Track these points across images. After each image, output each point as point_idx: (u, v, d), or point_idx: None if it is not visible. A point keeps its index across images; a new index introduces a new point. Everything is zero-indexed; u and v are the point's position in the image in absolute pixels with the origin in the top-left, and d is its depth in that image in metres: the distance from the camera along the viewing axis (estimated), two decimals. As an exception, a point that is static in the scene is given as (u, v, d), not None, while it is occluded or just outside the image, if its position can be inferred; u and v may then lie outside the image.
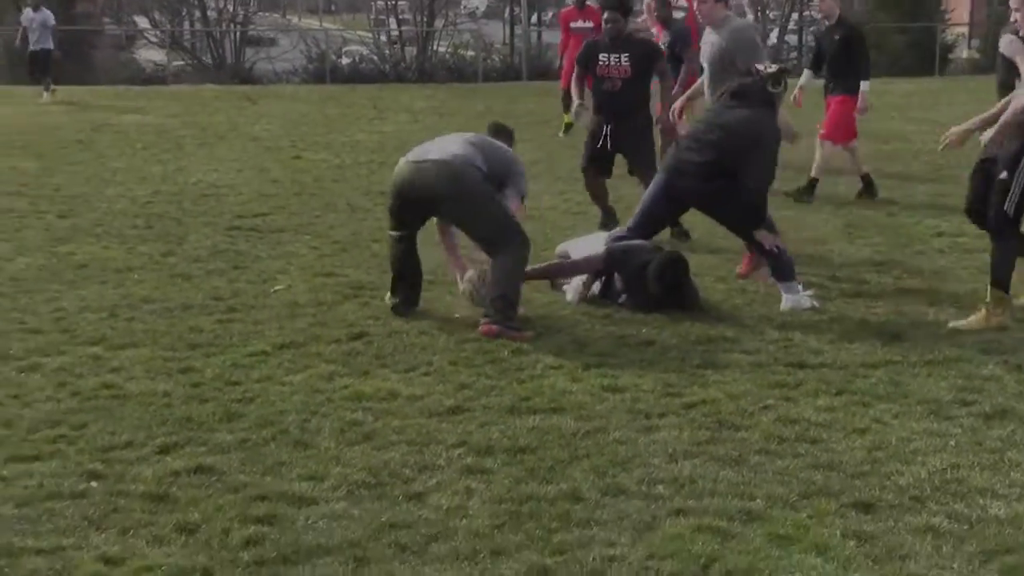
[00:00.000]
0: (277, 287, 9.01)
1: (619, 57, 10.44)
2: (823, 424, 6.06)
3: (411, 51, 37.10)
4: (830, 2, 12.69)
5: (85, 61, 36.64)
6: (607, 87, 10.49)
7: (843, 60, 12.41)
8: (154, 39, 41.12)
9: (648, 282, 8.24)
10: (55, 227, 11.24)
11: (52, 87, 23.76)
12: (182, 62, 38.45)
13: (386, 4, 42.65)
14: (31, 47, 24.05)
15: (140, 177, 14.17)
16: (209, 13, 41.18)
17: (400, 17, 40.47)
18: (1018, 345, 7.35)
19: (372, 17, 48.36)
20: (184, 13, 42.74)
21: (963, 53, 39.92)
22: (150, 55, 40.13)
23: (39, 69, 24.16)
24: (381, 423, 6.18)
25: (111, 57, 38.88)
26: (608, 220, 10.60)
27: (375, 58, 36.21)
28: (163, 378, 6.89)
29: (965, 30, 43.26)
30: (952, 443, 5.78)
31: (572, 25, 18.51)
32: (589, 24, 17.83)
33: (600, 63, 10.51)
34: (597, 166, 10.74)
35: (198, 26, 41.78)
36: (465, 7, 58.63)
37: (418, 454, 5.76)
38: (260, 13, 48.94)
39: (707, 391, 6.59)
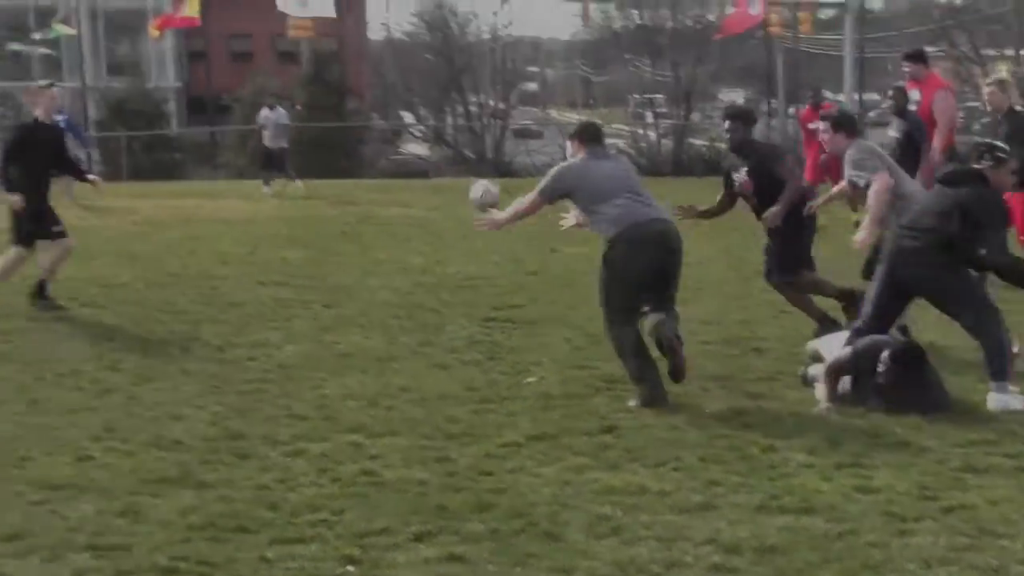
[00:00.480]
0: (530, 379, 9.18)
1: (741, 171, 10.33)
2: (1094, 535, 5.82)
3: (667, 144, 37.37)
4: (999, 94, 12.25)
5: (354, 155, 38.22)
6: (751, 206, 10.38)
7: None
8: (418, 134, 42.55)
9: (879, 376, 8.10)
10: (321, 316, 11.71)
11: (291, 181, 24.72)
12: (444, 155, 39.61)
13: (644, 98, 43.17)
14: (267, 144, 25.13)
15: (401, 268, 14.65)
16: (471, 108, 42.43)
17: (657, 111, 40.87)
18: None
19: (630, 110, 48.95)
20: (447, 108, 44.18)
21: None
22: (414, 149, 41.53)
23: (275, 166, 25.19)
24: (630, 518, 6.22)
25: (378, 151, 40.35)
26: (823, 327, 10.22)
27: (632, 151, 36.59)
28: (419, 466, 7.09)
29: None
30: None
31: (810, 126, 18.43)
32: None
33: (735, 183, 10.47)
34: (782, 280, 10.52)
35: (460, 121, 43.05)
36: (722, 100, 58.79)
37: (666, 550, 5.78)
38: (520, 107, 50.11)
39: (966, 495, 6.41)
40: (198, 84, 57.39)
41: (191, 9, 39.65)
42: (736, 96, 73.00)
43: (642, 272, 8.47)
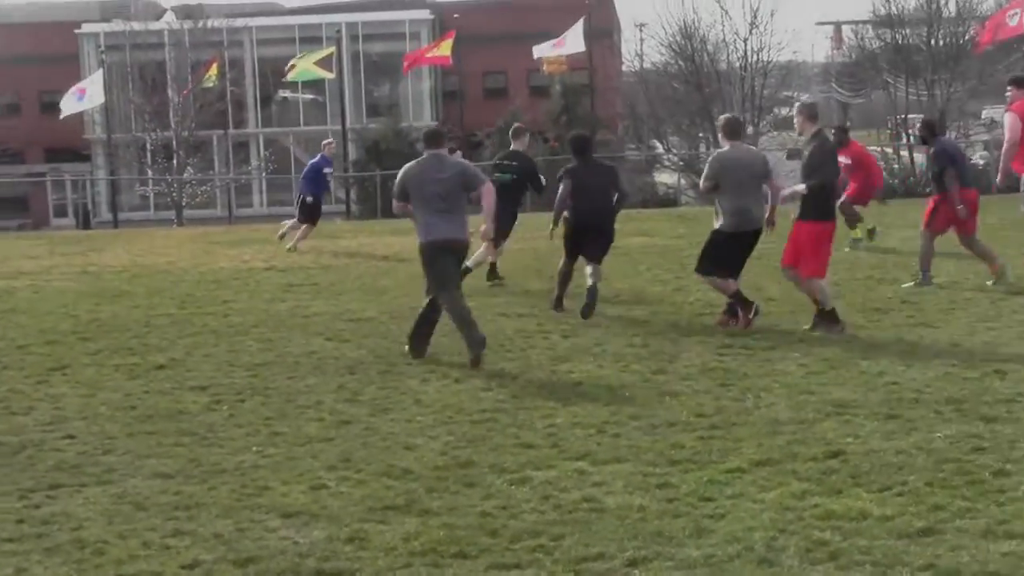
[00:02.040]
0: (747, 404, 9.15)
1: None
2: None
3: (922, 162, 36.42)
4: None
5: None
6: None
7: None
8: (668, 163, 42.60)
9: None
10: (558, 346, 11.90)
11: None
12: (695, 184, 39.54)
13: (900, 119, 42.20)
14: None
15: (639, 297, 14.73)
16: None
17: (911, 131, 39.91)
18: None
19: (887, 131, 47.95)
20: (699, 136, 44.12)
21: None
22: (664, 178, 41.59)
23: None
24: (848, 543, 6.16)
25: (629, 181, 40.55)
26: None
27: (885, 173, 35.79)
28: (640, 493, 7.16)
29: None
30: None
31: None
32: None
33: None
34: None
35: (713, 148, 42.93)
36: (983, 118, 56.89)
37: (882, 576, 5.71)
38: (771, 134, 49.63)
39: None
40: (453, 122, 58.84)
41: (443, 49, 40.79)
42: (998, 112, 70.65)
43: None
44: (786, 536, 6.31)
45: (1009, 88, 15.91)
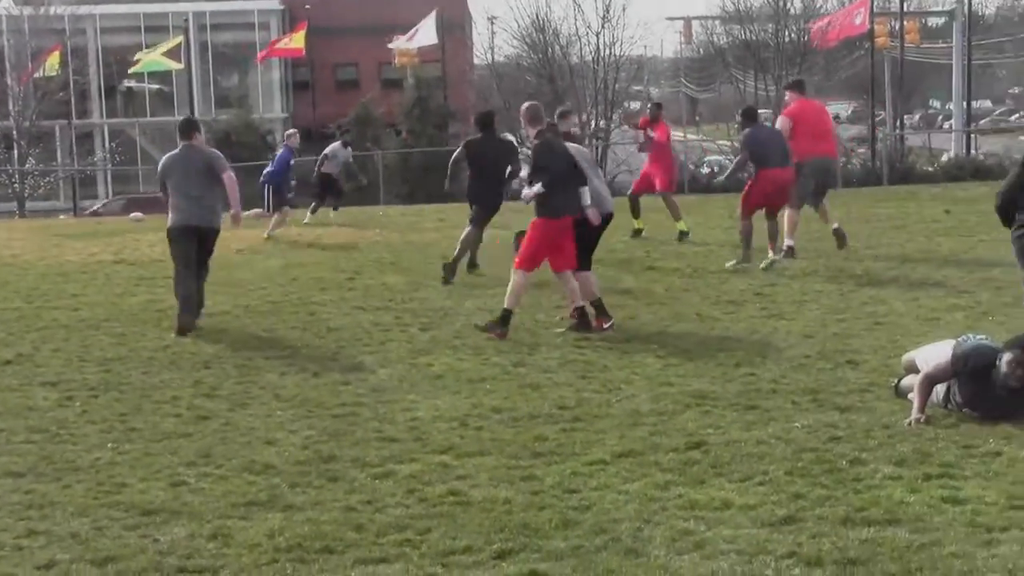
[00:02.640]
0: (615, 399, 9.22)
1: None
2: None
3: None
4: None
5: (459, 180, 38.44)
6: None
7: None
8: (522, 156, 42.70)
9: (994, 382, 7.98)
10: (417, 339, 11.84)
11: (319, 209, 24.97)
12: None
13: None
14: (332, 173, 25.17)
15: (500, 289, 14.69)
16: (574, 129, 42.50)
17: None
18: None
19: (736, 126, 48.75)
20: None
21: None
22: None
23: (334, 193, 25.33)
24: (712, 532, 6.23)
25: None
26: None
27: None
28: (505, 485, 7.15)
29: None
30: None
31: None
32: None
33: None
34: None
35: (563, 142, 43.19)
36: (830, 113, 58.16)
37: (747, 564, 5.78)
38: (622, 128, 50.15)
39: (1056, 505, 6.32)
40: (304, 113, 58.28)
41: (296, 41, 40.41)
42: (843, 108, 72.49)
43: None
44: (651, 526, 6.36)
45: (787, 92, 17.72)
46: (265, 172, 23.44)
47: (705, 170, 36.17)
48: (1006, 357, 7.98)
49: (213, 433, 8.53)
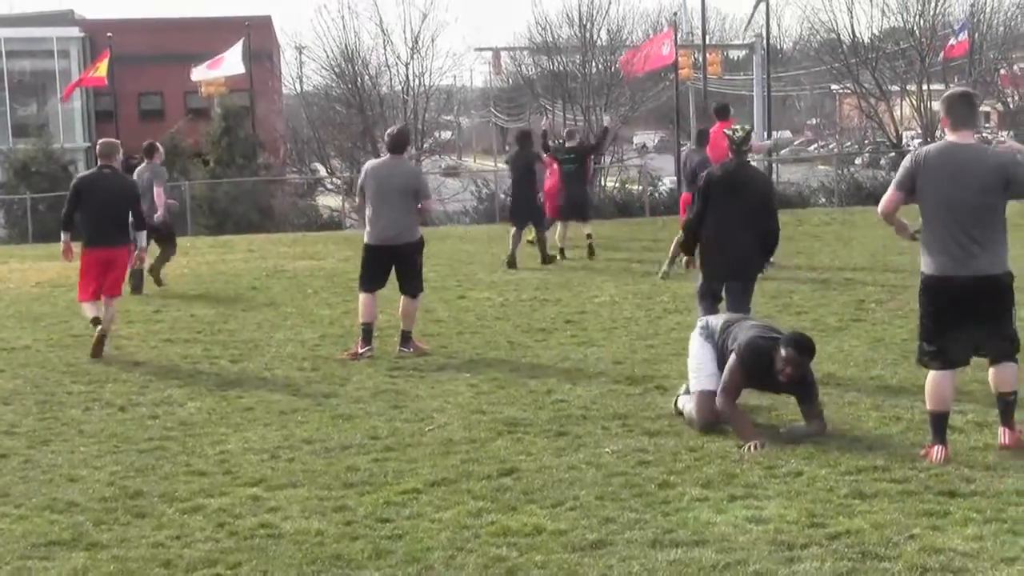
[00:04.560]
0: (429, 427, 9.22)
1: None
2: (970, 554, 5.96)
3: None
4: None
5: (266, 209, 38.09)
6: None
7: None
8: (331, 186, 42.46)
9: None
10: (226, 372, 11.67)
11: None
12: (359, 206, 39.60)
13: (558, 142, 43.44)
14: None
15: (309, 321, 14.62)
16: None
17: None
18: None
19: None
20: (361, 160, 44.09)
21: None
22: (327, 201, 41.44)
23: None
24: (525, 558, 6.27)
25: (290, 205, 40.22)
26: None
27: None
28: (317, 517, 7.09)
29: None
30: (1104, 571, 5.63)
31: None
32: None
33: None
34: None
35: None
36: (635, 144, 59.37)
37: (559, 589, 5.83)
38: (434, 157, 50.25)
39: (852, 521, 6.54)
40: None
41: (100, 71, 39.52)
42: (649, 138, 73.98)
43: None
44: (464, 554, 6.37)
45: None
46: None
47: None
48: (781, 352, 8.42)
49: (12, 471, 8.26)
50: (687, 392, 9.14)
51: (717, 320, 9.26)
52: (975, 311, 7.67)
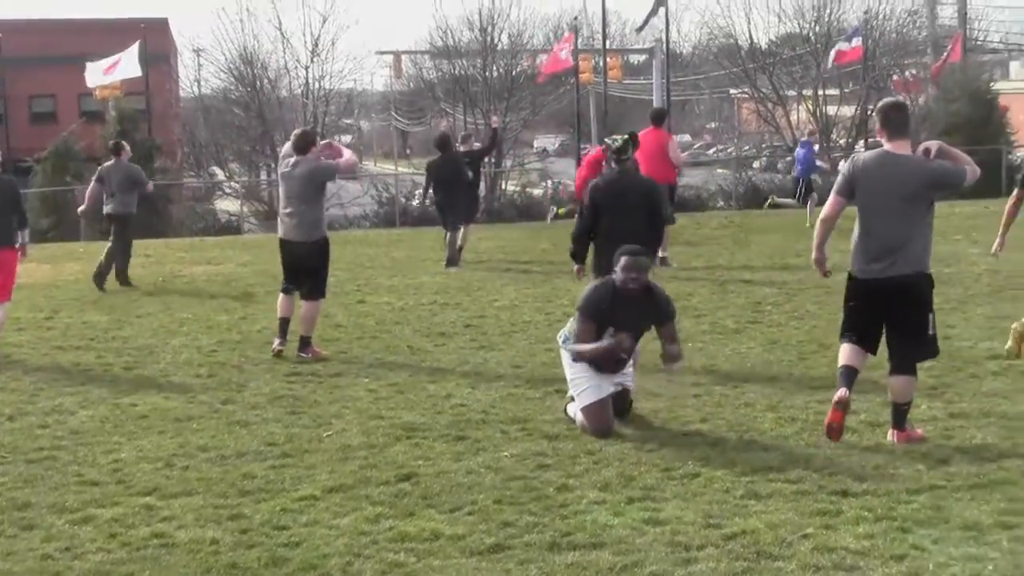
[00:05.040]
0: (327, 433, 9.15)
1: None
2: (861, 552, 6.04)
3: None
4: None
5: (163, 214, 37.59)
6: None
7: None
8: (229, 190, 42.06)
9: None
10: (120, 379, 11.48)
11: None
12: (258, 211, 39.28)
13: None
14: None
15: (206, 326, 14.44)
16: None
17: (470, 158, 41.20)
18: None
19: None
20: (260, 164, 43.81)
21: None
22: (226, 206, 41.03)
23: None
24: (423, 563, 6.24)
25: (188, 209, 39.75)
26: None
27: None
28: (212, 525, 6.99)
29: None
30: (990, 567, 5.74)
31: None
32: None
33: None
34: None
35: (274, 176, 42.76)
36: (535, 147, 59.54)
37: (456, 594, 5.80)
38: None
39: (748, 521, 6.59)
40: (-2, 148, 55.82)
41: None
42: (551, 142, 74.25)
43: None
44: (362, 560, 6.33)
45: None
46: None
47: (416, 203, 36.27)
48: (619, 264, 8.80)
49: None
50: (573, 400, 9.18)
51: (571, 324, 9.38)
52: (892, 312, 8.12)
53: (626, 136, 11.39)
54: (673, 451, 8.14)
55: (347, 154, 13.15)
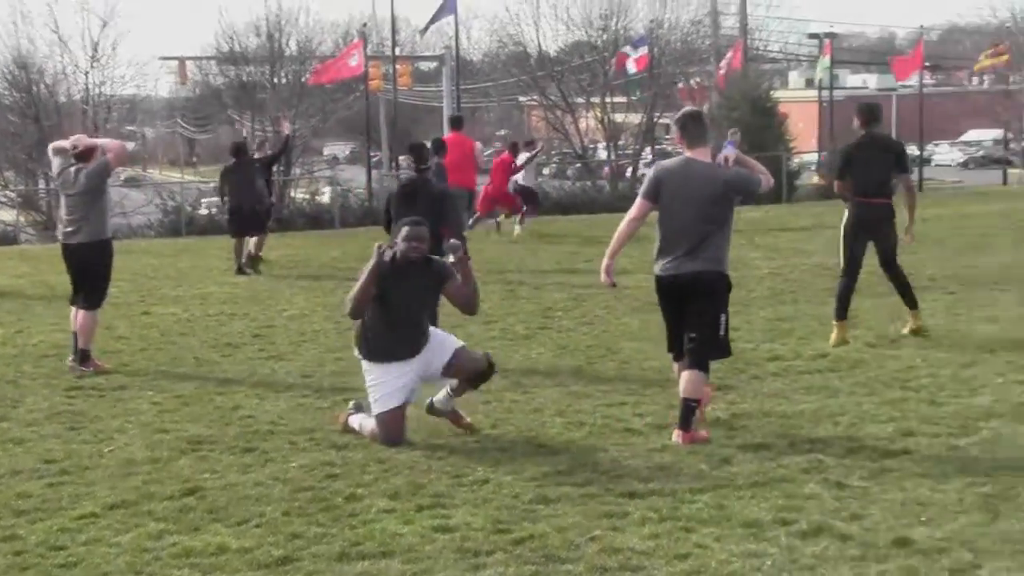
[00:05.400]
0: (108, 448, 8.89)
1: None
2: (646, 552, 6.14)
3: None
4: None
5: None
6: None
7: None
8: (4, 199, 40.57)
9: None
10: None
11: None
12: (35, 221, 38.02)
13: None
14: None
15: (-20, 341, 13.91)
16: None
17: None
18: (838, 463, 7.56)
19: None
20: (38, 172, 42.33)
21: (813, 179, 41.13)
22: (1, 216, 39.58)
23: None
24: (207, 579, 6.11)
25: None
26: None
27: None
28: (-17, 548, 6.72)
29: (812, 157, 45.16)
30: (768, 563, 5.90)
31: None
32: None
33: None
34: None
35: (53, 185, 41.43)
36: (326, 155, 59.13)
37: (244, 609, 5.69)
38: (118, 170, 48.72)
39: (536, 526, 6.64)
40: None
41: None
42: (340, 149, 73.80)
43: None
44: (143, 579, 6.16)
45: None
46: None
47: (203, 212, 35.58)
48: (401, 235, 8.88)
49: None
50: (357, 410, 9.12)
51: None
52: (687, 308, 8.52)
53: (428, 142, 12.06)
54: (463, 458, 8.15)
55: (104, 142, 12.79)
